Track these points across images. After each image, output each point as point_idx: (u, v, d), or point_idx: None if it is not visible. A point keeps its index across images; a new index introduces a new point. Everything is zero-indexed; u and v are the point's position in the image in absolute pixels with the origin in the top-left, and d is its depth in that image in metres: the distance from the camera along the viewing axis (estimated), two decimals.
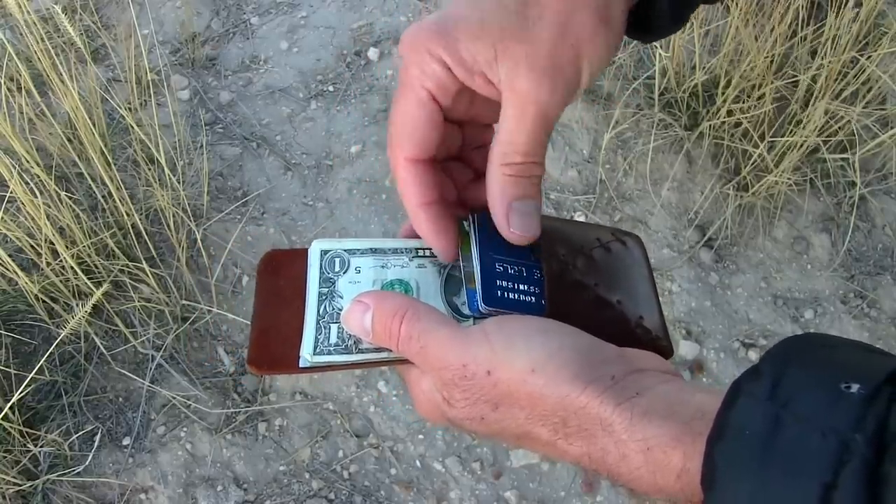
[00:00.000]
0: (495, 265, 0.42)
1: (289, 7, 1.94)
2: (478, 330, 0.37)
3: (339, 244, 0.44)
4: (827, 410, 0.29)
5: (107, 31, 1.85)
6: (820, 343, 0.33)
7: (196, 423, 1.39)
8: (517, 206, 0.40)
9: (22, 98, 1.44)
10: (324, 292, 0.43)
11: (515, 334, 0.36)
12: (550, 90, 0.37)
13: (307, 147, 1.73)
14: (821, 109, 1.44)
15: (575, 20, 0.37)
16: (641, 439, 0.33)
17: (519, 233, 0.40)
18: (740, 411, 0.30)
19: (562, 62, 0.37)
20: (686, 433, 0.33)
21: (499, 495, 1.38)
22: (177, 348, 1.43)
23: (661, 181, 1.65)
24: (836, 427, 0.28)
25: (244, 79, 1.82)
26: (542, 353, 0.35)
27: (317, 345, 0.41)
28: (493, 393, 0.36)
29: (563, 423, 0.35)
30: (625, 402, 0.34)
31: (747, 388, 0.31)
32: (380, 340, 0.39)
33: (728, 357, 1.52)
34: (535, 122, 0.38)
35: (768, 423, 0.29)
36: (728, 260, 1.61)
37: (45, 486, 1.30)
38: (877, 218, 1.64)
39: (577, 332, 0.37)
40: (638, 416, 0.34)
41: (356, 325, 0.40)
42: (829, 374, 0.30)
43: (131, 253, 1.44)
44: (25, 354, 1.40)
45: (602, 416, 0.34)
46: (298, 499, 1.36)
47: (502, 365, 0.36)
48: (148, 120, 1.51)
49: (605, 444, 0.34)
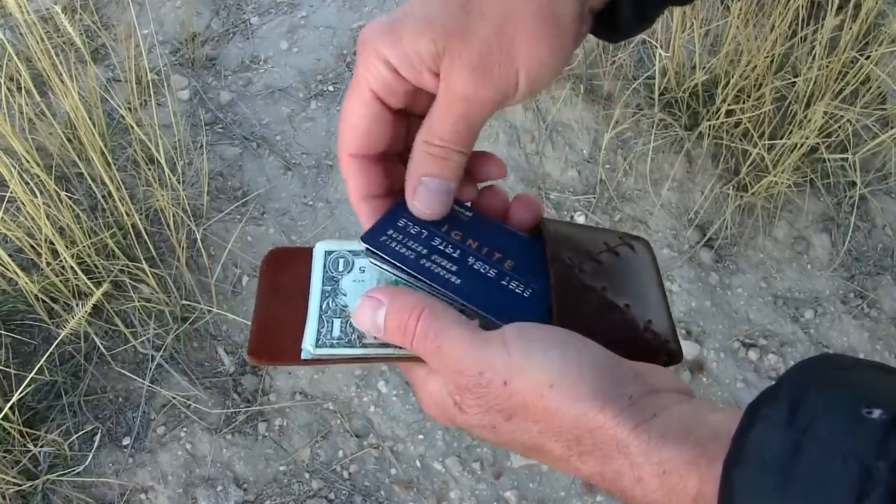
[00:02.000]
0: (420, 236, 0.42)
1: (289, 7, 1.94)
2: (497, 336, 0.36)
3: (344, 245, 0.45)
4: (848, 436, 0.28)
5: (107, 31, 1.85)
6: (838, 365, 0.32)
7: (196, 423, 1.39)
8: (426, 181, 0.41)
9: (22, 98, 1.44)
10: (327, 290, 0.43)
11: (534, 344, 0.36)
12: (475, 89, 0.38)
13: (307, 147, 1.73)
14: (821, 109, 1.44)
15: (514, 21, 0.38)
16: (657, 462, 0.33)
17: (420, 206, 0.41)
18: (759, 436, 0.30)
19: (491, 63, 0.38)
20: (702, 456, 0.32)
21: (499, 495, 1.38)
22: (177, 348, 1.43)
23: (661, 181, 1.65)
24: (858, 454, 0.28)
25: (244, 79, 1.82)
26: (561, 368, 0.35)
27: (319, 337, 0.41)
28: (507, 403, 0.36)
29: (577, 441, 0.35)
30: (642, 423, 0.34)
31: (765, 412, 0.30)
32: (392, 337, 0.39)
33: (728, 357, 1.52)
34: (458, 118, 0.39)
35: (788, 448, 0.29)
36: (728, 260, 1.61)
37: (45, 486, 1.30)
38: (877, 218, 1.64)
39: (596, 348, 0.36)
40: (655, 438, 0.33)
41: (367, 321, 0.39)
42: (849, 398, 0.29)
43: (131, 253, 1.44)
44: (25, 354, 1.40)
45: (619, 437, 0.34)
46: (298, 499, 1.36)
47: (520, 376, 0.35)
48: (148, 120, 1.51)
49: (619, 465, 0.34)
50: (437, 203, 0.42)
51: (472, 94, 0.38)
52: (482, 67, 0.38)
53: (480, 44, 0.38)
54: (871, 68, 1.47)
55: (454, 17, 0.38)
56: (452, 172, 0.41)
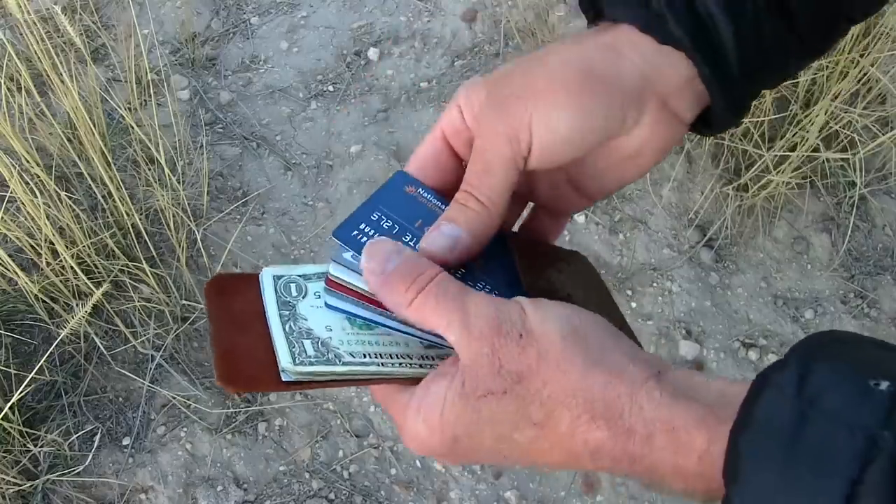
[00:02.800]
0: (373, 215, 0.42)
1: (289, 7, 1.94)
2: (511, 301, 0.37)
3: (293, 270, 0.43)
4: (855, 407, 0.29)
5: (107, 31, 1.85)
6: (845, 339, 0.33)
7: (196, 423, 1.39)
8: (443, 224, 0.40)
9: (22, 98, 1.44)
10: (285, 314, 0.41)
11: (549, 308, 0.37)
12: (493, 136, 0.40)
13: (307, 147, 1.73)
14: (822, 110, 1.44)
15: (544, 72, 0.40)
16: (667, 419, 0.33)
17: (423, 242, 0.40)
18: (767, 403, 0.31)
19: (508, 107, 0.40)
20: (710, 415, 0.33)
21: (499, 495, 1.38)
22: (177, 348, 1.43)
23: (661, 181, 1.65)
24: (865, 424, 0.28)
25: (244, 79, 1.82)
26: (576, 326, 0.36)
27: (294, 356, 0.39)
28: (523, 361, 0.35)
29: (588, 402, 0.35)
30: (652, 378, 0.35)
31: (774, 379, 0.31)
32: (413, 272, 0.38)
33: (728, 357, 1.52)
34: (483, 166, 0.41)
35: (795, 417, 0.30)
36: (728, 260, 1.61)
37: (45, 486, 1.30)
38: (877, 218, 1.64)
39: (607, 323, 0.38)
40: (667, 395, 0.34)
41: (384, 249, 0.39)
42: (856, 370, 0.30)
43: (131, 253, 1.44)
44: (25, 354, 1.40)
45: (632, 391, 0.34)
46: (298, 499, 1.36)
47: (536, 328, 0.35)
48: (148, 120, 1.51)
49: (632, 423, 0.34)
50: (440, 248, 0.40)
51: (491, 142, 0.40)
52: (498, 113, 0.40)
53: (508, 92, 0.40)
54: (871, 70, 1.47)
55: (507, 71, 0.41)
56: (468, 224, 0.40)
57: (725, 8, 0.38)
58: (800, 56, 0.43)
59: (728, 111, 0.41)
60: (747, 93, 0.42)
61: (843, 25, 0.43)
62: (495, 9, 1.86)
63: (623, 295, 1.56)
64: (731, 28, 0.39)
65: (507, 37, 1.82)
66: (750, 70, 0.40)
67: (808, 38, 0.41)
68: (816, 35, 0.42)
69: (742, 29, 0.39)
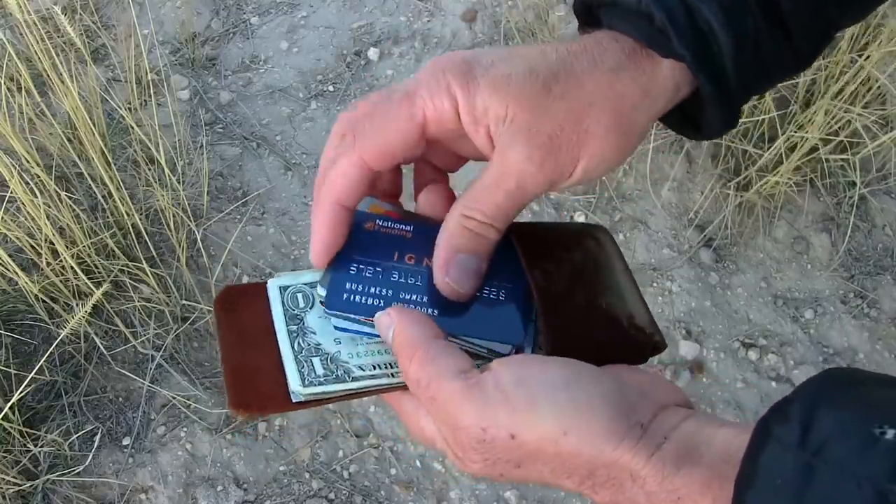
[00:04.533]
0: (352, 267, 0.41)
1: (289, 7, 1.94)
2: (492, 385, 0.35)
3: (298, 278, 0.42)
4: (861, 459, 0.28)
5: (107, 31, 1.85)
6: (849, 380, 0.32)
7: (196, 423, 1.39)
8: (461, 259, 0.39)
9: (22, 98, 1.44)
10: (293, 329, 0.41)
11: (537, 390, 0.34)
12: (534, 169, 0.37)
13: (307, 147, 1.73)
14: (822, 110, 1.44)
15: (592, 114, 0.37)
16: (672, 490, 0.33)
17: (453, 285, 0.39)
18: (770, 457, 0.29)
19: (560, 148, 0.37)
20: (714, 479, 0.32)
21: (499, 495, 1.38)
22: (177, 348, 1.43)
23: (661, 181, 1.65)
24: (872, 477, 0.27)
25: (244, 79, 1.83)
26: (572, 412, 0.34)
27: (304, 377, 0.39)
28: (516, 454, 0.35)
29: (590, 475, 0.34)
30: (656, 451, 0.33)
31: (777, 431, 0.30)
32: (398, 358, 0.38)
33: (728, 357, 1.52)
34: (507, 195, 0.38)
35: (800, 471, 0.28)
36: (728, 260, 1.61)
37: (45, 486, 1.30)
38: (877, 218, 1.64)
39: (599, 376, 0.36)
40: (669, 465, 0.33)
41: (385, 333, 0.38)
42: (862, 417, 0.29)
43: (131, 253, 1.44)
44: (25, 354, 1.40)
45: (633, 469, 0.33)
46: (298, 499, 1.36)
47: (528, 428, 0.34)
48: (148, 120, 1.51)
49: (633, 494, 0.34)
50: (469, 285, 0.39)
51: (529, 173, 0.37)
52: (546, 149, 0.37)
53: (553, 126, 0.37)
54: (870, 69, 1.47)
55: (535, 91, 0.37)
56: (486, 252, 0.39)
57: (727, 24, 0.38)
58: (793, 67, 0.43)
59: (724, 123, 0.41)
60: (740, 103, 0.42)
61: (832, 33, 0.43)
62: (495, 9, 1.86)
63: None
64: (732, 43, 0.38)
65: (507, 37, 1.82)
66: (746, 83, 0.40)
67: (803, 50, 0.41)
68: (811, 45, 0.42)
69: (742, 44, 0.39)
